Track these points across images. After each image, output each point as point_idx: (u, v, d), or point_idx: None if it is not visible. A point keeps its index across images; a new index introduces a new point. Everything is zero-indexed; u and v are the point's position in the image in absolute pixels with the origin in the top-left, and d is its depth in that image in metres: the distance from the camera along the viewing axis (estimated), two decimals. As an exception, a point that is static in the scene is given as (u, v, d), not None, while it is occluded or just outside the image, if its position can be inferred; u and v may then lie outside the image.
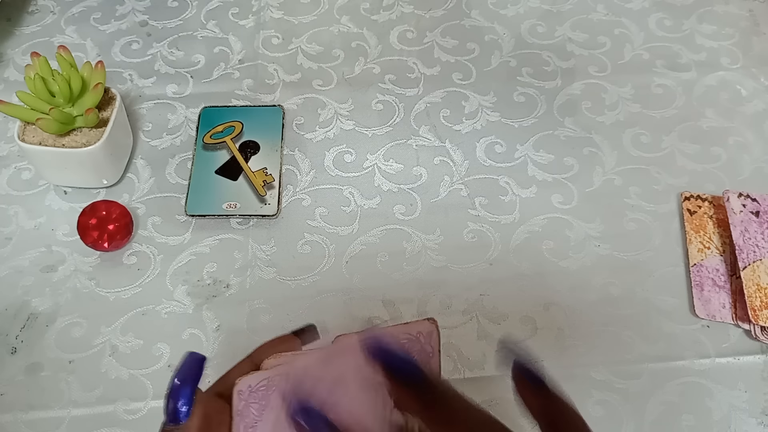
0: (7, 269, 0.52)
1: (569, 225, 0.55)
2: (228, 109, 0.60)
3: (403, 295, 0.51)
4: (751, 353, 0.49)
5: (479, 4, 0.69)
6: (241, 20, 0.67)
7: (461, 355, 0.49)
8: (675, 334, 0.50)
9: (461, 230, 0.55)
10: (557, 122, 0.61)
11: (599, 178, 0.58)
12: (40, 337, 0.49)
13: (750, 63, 0.65)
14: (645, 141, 0.60)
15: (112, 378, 0.48)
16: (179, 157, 0.58)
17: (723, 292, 0.52)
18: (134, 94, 0.62)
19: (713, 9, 0.69)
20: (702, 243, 0.54)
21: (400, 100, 0.62)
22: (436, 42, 0.66)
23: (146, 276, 0.52)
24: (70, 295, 0.51)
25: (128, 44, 0.65)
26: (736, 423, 0.47)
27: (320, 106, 0.61)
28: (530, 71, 0.64)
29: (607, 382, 0.48)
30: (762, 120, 0.61)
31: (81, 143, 0.52)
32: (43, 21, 0.67)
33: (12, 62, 0.64)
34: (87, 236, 0.51)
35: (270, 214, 0.54)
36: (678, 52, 0.66)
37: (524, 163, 0.58)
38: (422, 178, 0.57)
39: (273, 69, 0.64)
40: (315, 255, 0.53)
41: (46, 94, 0.51)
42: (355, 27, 0.67)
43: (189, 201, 0.55)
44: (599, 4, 0.69)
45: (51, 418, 0.46)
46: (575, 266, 0.53)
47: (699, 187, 0.57)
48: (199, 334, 0.50)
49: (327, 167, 0.58)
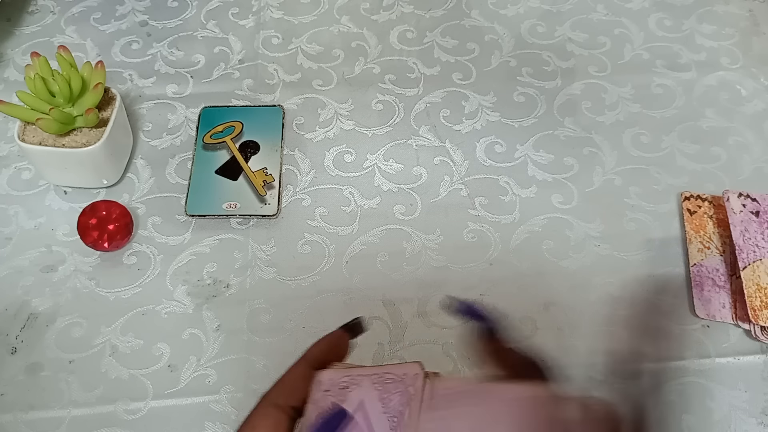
0: (7, 269, 0.52)
1: (569, 225, 0.55)
2: (228, 109, 0.60)
3: (403, 295, 0.51)
4: (751, 353, 0.49)
5: (479, 4, 0.69)
6: (241, 20, 0.67)
7: (461, 355, 0.49)
8: (675, 334, 0.50)
9: (461, 230, 0.55)
10: (557, 122, 0.61)
11: (599, 178, 0.58)
12: (40, 337, 0.49)
13: (750, 63, 0.65)
14: (645, 141, 0.60)
15: (112, 378, 0.48)
16: (179, 157, 0.58)
17: (723, 292, 0.52)
18: (134, 94, 0.62)
19: (713, 9, 0.69)
20: (702, 243, 0.54)
21: (400, 100, 0.62)
22: (436, 42, 0.66)
23: (146, 276, 0.52)
24: (70, 295, 0.51)
25: (128, 44, 0.65)
26: (736, 423, 0.47)
27: (320, 106, 0.61)
28: (530, 71, 0.64)
29: (607, 382, 0.48)
30: (762, 120, 0.61)
31: (81, 143, 0.52)
32: (43, 21, 0.67)
33: (12, 62, 0.64)
34: (87, 236, 0.51)
35: (270, 214, 0.54)
36: (678, 52, 0.66)
37: (524, 163, 0.58)
38: (422, 178, 0.57)
39: (273, 69, 0.64)
40: (315, 255, 0.53)
41: (46, 94, 0.51)
42: (355, 27, 0.67)
43: (189, 201, 0.55)
44: (599, 4, 0.69)
45: (51, 418, 0.46)
46: (575, 266, 0.53)
47: (699, 187, 0.57)
48: (199, 334, 0.50)
49: (327, 167, 0.58)
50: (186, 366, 0.48)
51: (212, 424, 0.46)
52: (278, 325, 0.50)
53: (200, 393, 0.47)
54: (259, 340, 0.50)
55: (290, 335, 0.50)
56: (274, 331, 0.50)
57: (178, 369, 0.48)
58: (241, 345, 0.49)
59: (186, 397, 0.47)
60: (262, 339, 0.50)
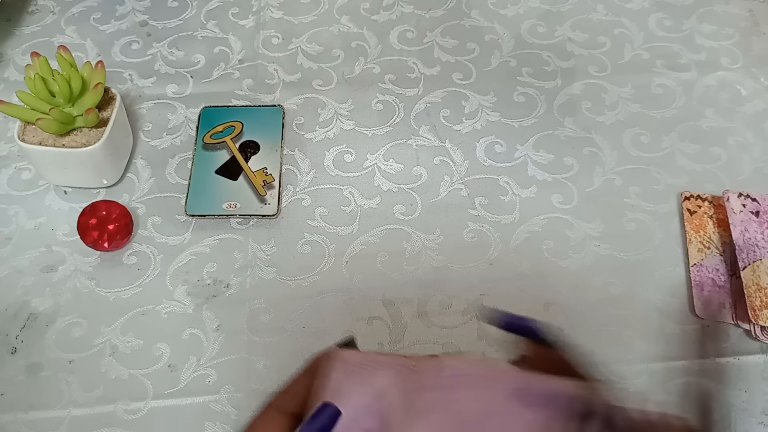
0: (7, 269, 0.52)
1: (569, 225, 0.55)
2: (228, 109, 0.60)
3: (403, 295, 0.51)
4: (751, 353, 0.49)
5: (479, 4, 0.69)
6: (241, 20, 0.67)
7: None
8: (675, 334, 0.50)
9: (461, 230, 0.55)
10: (557, 122, 0.61)
11: (599, 178, 0.58)
12: (40, 337, 0.49)
13: (750, 63, 0.65)
14: (645, 141, 0.60)
15: (112, 378, 0.48)
16: (179, 157, 0.58)
17: (723, 292, 0.52)
18: (134, 94, 0.62)
19: (713, 9, 0.69)
20: (702, 243, 0.54)
21: (400, 100, 0.62)
22: (436, 42, 0.66)
23: (146, 276, 0.52)
24: (70, 295, 0.51)
25: (128, 44, 0.65)
26: (736, 423, 0.47)
27: (320, 106, 0.61)
28: (530, 71, 0.64)
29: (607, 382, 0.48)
30: (762, 120, 0.61)
31: (81, 143, 0.52)
32: (43, 21, 0.67)
33: (12, 62, 0.64)
34: (87, 236, 0.51)
35: (270, 214, 0.54)
36: (678, 52, 0.66)
37: (524, 163, 0.58)
38: (422, 178, 0.57)
39: (273, 69, 0.64)
40: (315, 255, 0.53)
41: (46, 94, 0.51)
42: (355, 27, 0.67)
43: (189, 201, 0.55)
44: (599, 4, 0.69)
45: (51, 418, 0.46)
46: (575, 266, 0.53)
47: (699, 187, 0.57)
48: (199, 334, 0.50)
49: (327, 167, 0.58)
50: (186, 366, 0.48)
51: (212, 424, 0.46)
52: (278, 325, 0.50)
53: (200, 393, 0.47)
54: (259, 340, 0.50)
55: (290, 335, 0.50)
56: (274, 331, 0.50)
57: (178, 369, 0.48)
58: (241, 345, 0.49)
59: (186, 397, 0.47)
60: (262, 339, 0.50)
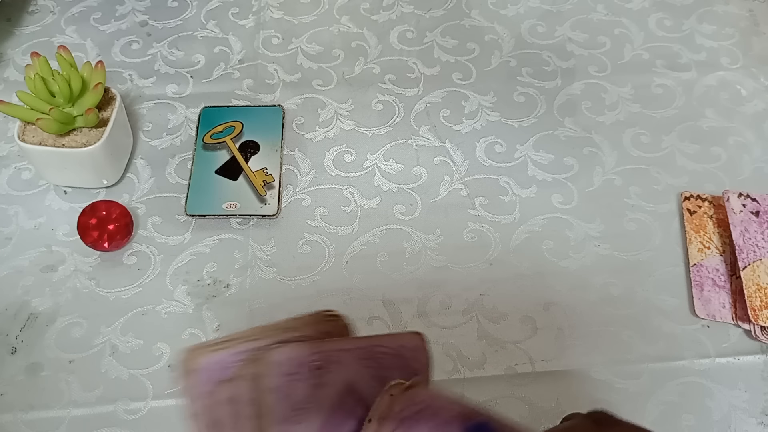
0: (7, 269, 0.52)
1: (569, 225, 0.55)
2: (228, 109, 0.60)
3: (403, 295, 0.51)
4: (751, 353, 0.49)
5: (479, 4, 0.69)
6: (241, 20, 0.67)
7: (461, 355, 0.49)
8: (675, 334, 0.50)
9: (461, 230, 0.55)
10: (557, 122, 0.61)
11: (599, 178, 0.58)
12: (40, 337, 0.49)
13: (750, 63, 0.65)
14: (645, 141, 0.60)
15: (112, 378, 0.48)
16: (179, 157, 0.58)
17: (723, 292, 0.52)
18: (134, 94, 0.62)
19: (713, 9, 0.69)
20: (702, 243, 0.54)
21: (400, 100, 0.62)
22: (436, 42, 0.66)
23: (146, 276, 0.52)
24: (70, 295, 0.51)
25: (128, 44, 0.65)
26: (736, 423, 0.47)
27: (320, 106, 0.61)
28: (530, 71, 0.64)
29: (607, 382, 0.48)
30: (762, 120, 0.61)
31: (81, 143, 0.52)
32: (43, 21, 0.67)
33: (12, 62, 0.64)
34: (87, 236, 0.51)
35: (270, 214, 0.54)
36: (678, 52, 0.66)
37: (524, 163, 0.58)
38: (422, 178, 0.57)
39: (273, 69, 0.64)
40: (315, 255, 0.53)
41: (46, 94, 0.51)
42: (355, 27, 0.67)
43: (189, 201, 0.55)
44: (599, 4, 0.69)
45: (51, 418, 0.46)
46: (575, 266, 0.53)
47: (699, 187, 0.57)
48: (199, 334, 0.50)
49: (327, 167, 0.58)
50: (186, 366, 0.48)
51: (212, 424, 0.46)
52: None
53: (200, 393, 0.47)
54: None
55: (290, 335, 0.50)
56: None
57: (178, 369, 0.48)
58: (241, 345, 0.49)
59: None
60: (262, 339, 0.50)
